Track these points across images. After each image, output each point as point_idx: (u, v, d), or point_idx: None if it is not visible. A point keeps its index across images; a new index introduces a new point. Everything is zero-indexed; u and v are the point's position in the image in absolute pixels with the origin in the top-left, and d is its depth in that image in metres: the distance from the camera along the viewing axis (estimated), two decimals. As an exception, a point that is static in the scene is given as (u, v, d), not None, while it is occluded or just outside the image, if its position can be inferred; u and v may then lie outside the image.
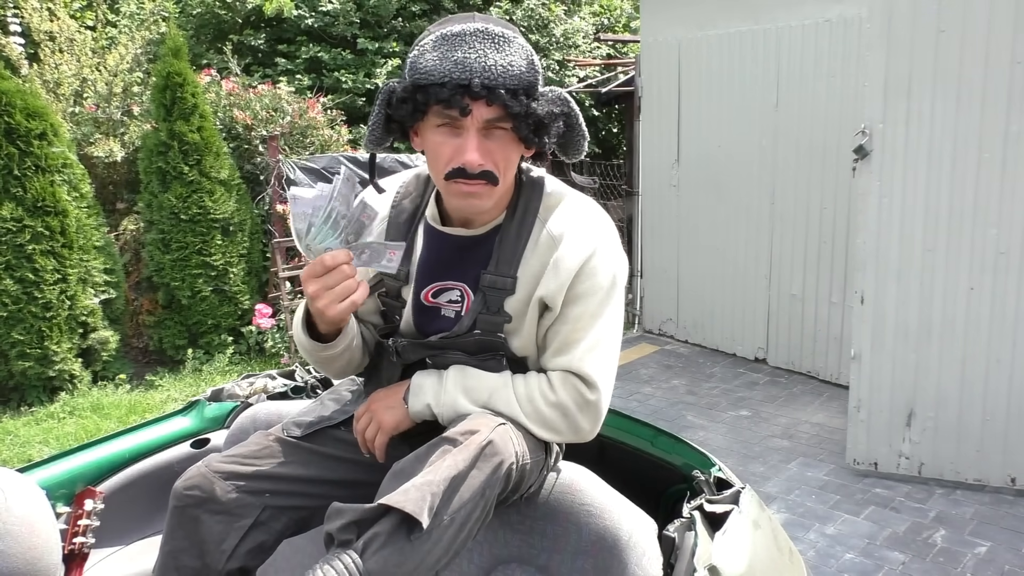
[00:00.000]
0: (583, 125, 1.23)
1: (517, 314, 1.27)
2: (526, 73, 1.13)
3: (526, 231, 1.26)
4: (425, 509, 1.07)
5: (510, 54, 1.12)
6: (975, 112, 2.91)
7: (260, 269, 5.54)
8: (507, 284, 1.25)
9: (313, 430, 1.39)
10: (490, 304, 1.26)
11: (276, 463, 1.32)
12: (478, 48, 1.11)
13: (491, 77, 1.10)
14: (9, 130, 4.31)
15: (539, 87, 1.16)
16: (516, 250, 1.25)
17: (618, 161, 8.53)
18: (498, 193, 1.22)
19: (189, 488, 1.28)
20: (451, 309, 1.31)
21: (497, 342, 1.28)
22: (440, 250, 1.32)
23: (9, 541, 1.28)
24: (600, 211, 1.32)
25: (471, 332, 1.27)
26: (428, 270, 1.32)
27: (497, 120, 1.14)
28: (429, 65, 1.12)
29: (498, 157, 1.17)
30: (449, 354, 1.31)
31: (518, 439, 1.22)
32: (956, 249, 3.02)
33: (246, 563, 1.29)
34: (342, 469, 1.37)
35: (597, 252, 1.25)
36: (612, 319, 1.29)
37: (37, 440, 4.04)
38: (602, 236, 1.27)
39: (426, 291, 1.32)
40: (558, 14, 8.54)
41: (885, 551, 2.81)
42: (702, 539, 1.28)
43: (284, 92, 5.85)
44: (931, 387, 3.16)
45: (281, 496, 1.31)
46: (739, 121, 4.69)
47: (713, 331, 5.11)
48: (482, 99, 1.11)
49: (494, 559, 1.41)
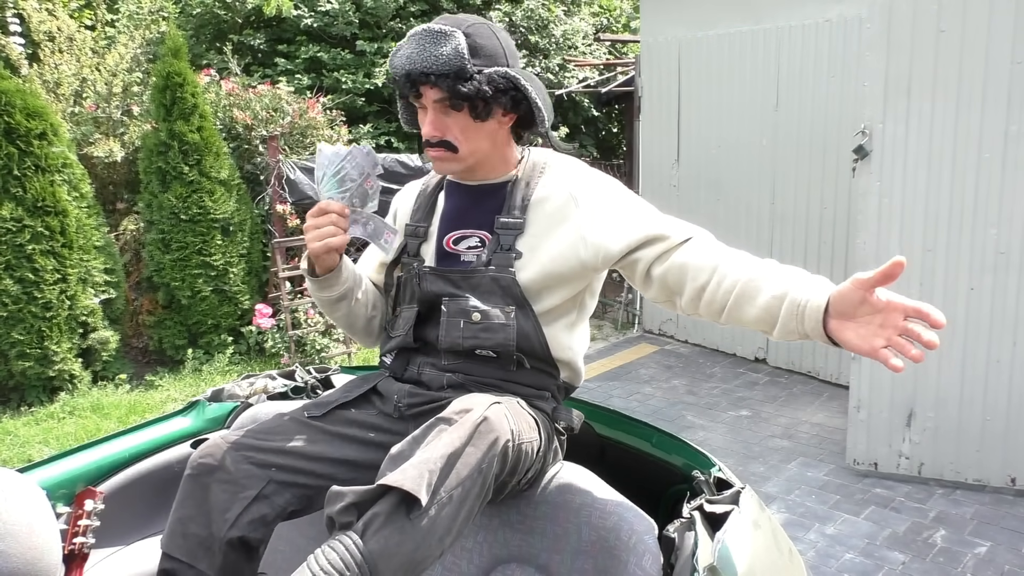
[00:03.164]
0: (534, 98, 1.38)
1: (528, 250, 1.40)
2: (453, 59, 1.32)
3: (535, 180, 1.45)
4: (423, 486, 1.09)
5: (442, 45, 1.32)
6: (975, 112, 2.91)
7: (260, 269, 5.54)
8: (518, 224, 1.41)
9: (328, 409, 1.45)
10: (503, 243, 1.41)
11: (286, 439, 1.38)
12: (420, 44, 1.33)
13: (425, 66, 1.32)
14: (9, 130, 4.31)
15: (468, 69, 1.33)
16: (525, 196, 1.43)
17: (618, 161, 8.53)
18: (465, 160, 1.41)
19: (203, 455, 1.34)
20: (472, 254, 1.44)
21: (507, 278, 1.38)
22: (460, 200, 1.50)
23: (9, 541, 1.28)
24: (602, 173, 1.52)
25: (487, 268, 1.40)
26: (449, 219, 1.49)
27: (445, 99, 1.35)
28: (395, 62, 1.38)
29: (455, 129, 1.38)
30: (462, 294, 1.40)
31: (513, 417, 1.24)
32: (956, 249, 3.02)
33: (246, 533, 1.31)
34: (348, 448, 1.39)
35: (599, 175, 1.47)
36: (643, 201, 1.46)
37: (37, 440, 4.04)
38: (599, 173, 1.49)
39: (448, 238, 1.46)
40: (558, 15, 8.54)
41: (885, 551, 2.81)
42: (702, 539, 1.28)
43: (284, 92, 5.84)
44: (931, 387, 3.16)
45: (286, 472, 1.35)
46: (739, 121, 4.69)
47: (713, 331, 5.11)
48: (426, 84, 1.34)
49: (494, 559, 1.41)
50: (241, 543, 1.31)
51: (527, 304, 1.39)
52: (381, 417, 1.44)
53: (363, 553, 1.06)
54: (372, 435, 1.40)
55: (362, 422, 1.43)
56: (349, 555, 1.05)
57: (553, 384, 1.46)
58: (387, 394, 1.45)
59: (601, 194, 1.42)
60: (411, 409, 1.39)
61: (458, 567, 1.43)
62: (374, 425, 1.43)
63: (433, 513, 1.10)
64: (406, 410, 1.41)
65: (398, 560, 1.08)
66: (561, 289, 1.41)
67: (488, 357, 1.39)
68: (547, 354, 1.42)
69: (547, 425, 1.40)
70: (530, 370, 1.41)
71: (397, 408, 1.42)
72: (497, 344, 1.37)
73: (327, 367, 2.07)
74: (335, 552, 1.05)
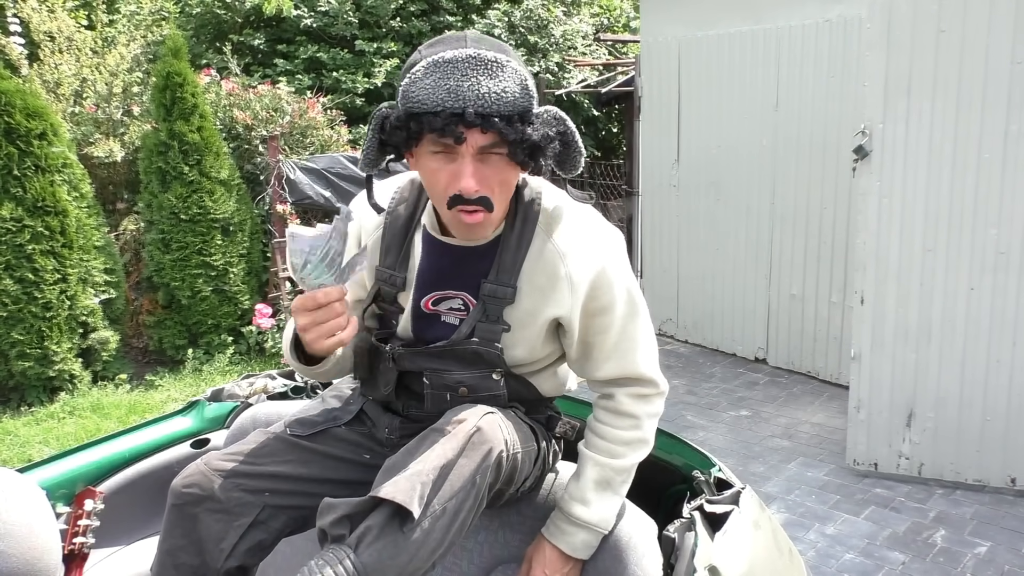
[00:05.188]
0: (579, 142, 1.22)
1: (517, 324, 1.27)
2: (520, 99, 1.12)
3: (526, 241, 1.26)
4: (415, 498, 1.07)
5: (503, 80, 1.11)
6: (975, 112, 2.91)
7: (260, 269, 5.54)
8: (507, 294, 1.25)
9: (318, 430, 1.38)
10: (489, 313, 1.26)
11: (276, 462, 1.32)
12: (471, 75, 1.09)
13: (485, 105, 1.09)
14: (9, 130, 4.31)
15: (534, 110, 1.15)
16: (516, 260, 1.25)
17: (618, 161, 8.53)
18: (496, 217, 1.22)
19: (188, 486, 1.27)
20: (454, 316, 1.30)
21: (493, 353, 1.27)
22: (440, 259, 1.31)
23: (9, 541, 1.28)
24: (603, 222, 1.31)
25: (469, 340, 1.27)
26: (428, 279, 1.32)
27: (492, 146, 1.13)
28: (422, 94, 1.11)
29: (494, 182, 1.17)
30: (445, 367, 1.29)
31: (508, 428, 1.22)
32: (956, 249, 3.02)
33: (244, 561, 1.28)
34: (343, 469, 1.36)
35: (608, 264, 1.26)
36: (643, 313, 1.33)
37: (37, 440, 4.04)
38: (610, 248, 1.28)
39: (426, 299, 1.32)
40: (557, 15, 8.54)
41: (885, 551, 2.81)
42: (702, 539, 1.28)
43: (284, 92, 5.84)
44: (931, 387, 3.16)
45: (280, 495, 1.30)
46: (739, 121, 4.69)
47: (713, 331, 5.11)
48: (476, 127, 1.10)
49: (494, 559, 1.41)
50: (238, 571, 1.29)
51: (515, 371, 1.33)
52: (373, 440, 1.40)
53: (356, 566, 1.05)
54: (367, 456, 1.37)
55: (354, 442, 1.39)
56: (343, 568, 1.04)
57: (546, 409, 1.44)
58: (377, 422, 1.40)
59: (608, 302, 1.26)
60: (402, 440, 1.30)
61: (458, 567, 1.43)
62: (368, 446, 1.39)
63: (427, 526, 1.09)
64: (397, 440, 1.34)
65: (391, 573, 1.07)
66: (550, 357, 1.36)
67: None
68: (539, 397, 1.39)
69: (544, 434, 1.39)
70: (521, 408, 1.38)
71: (388, 439, 1.37)
72: (488, 389, 1.31)
73: (327, 367, 2.06)
74: (328, 566, 1.04)
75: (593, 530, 1.30)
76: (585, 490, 1.31)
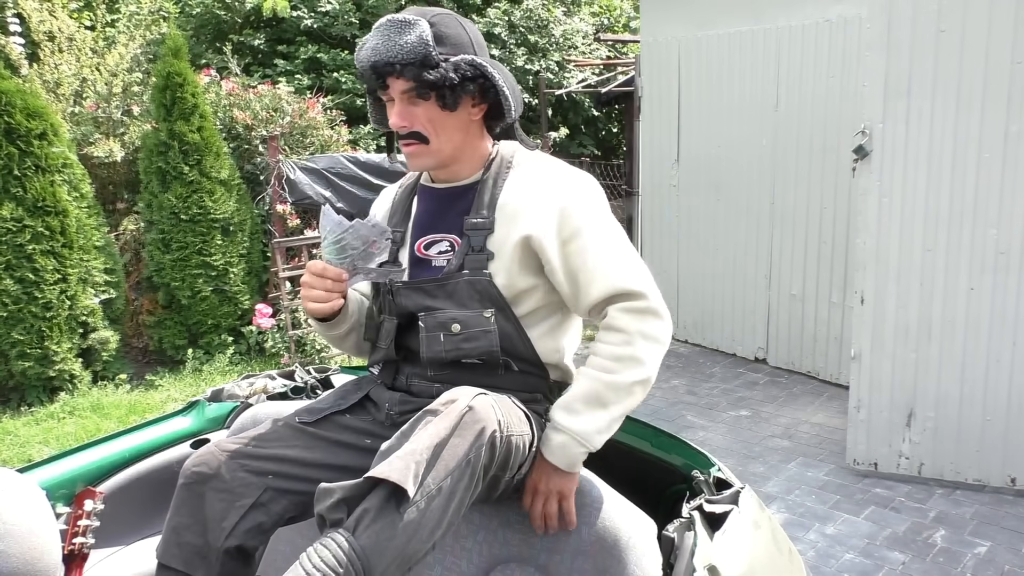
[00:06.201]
0: (502, 86, 1.35)
1: (499, 251, 1.37)
2: (418, 47, 1.29)
3: (501, 181, 1.42)
4: (410, 477, 1.09)
5: (406, 34, 1.30)
6: (975, 112, 2.91)
7: (260, 269, 5.54)
8: (487, 224, 1.38)
9: (322, 415, 1.44)
10: (474, 244, 1.38)
11: (282, 445, 1.38)
12: (381, 34, 1.31)
13: (390, 56, 1.29)
14: (9, 130, 4.31)
15: (434, 57, 1.30)
16: (493, 196, 1.40)
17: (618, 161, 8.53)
18: (439, 152, 1.38)
19: (197, 465, 1.34)
20: (443, 259, 1.41)
21: (483, 281, 1.35)
22: (429, 203, 1.48)
23: (9, 541, 1.28)
24: (574, 168, 1.45)
25: (460, 272, 1.37)
26: (420, 224, 1.47)
27: (411, 89, 1.32)
28: (358, 57, 1.36)
29: (423, 119, 1.35)
30: (438, 306, 1.37)
31: (500, 409, 1.24)
32: (956, 249, 3.02)
33: (244, 542, 1.31)
34: (344, 455, 1.39)
35: (575, 193, 1.39)
36: (620, 235, 1.40)
37: (37, 440, 4.04)
38: (577, 182, 1.41)
39: (419, 243, 1.45)
40: (557, 15, 8.54)
41: (885, 551, 2.81)
42: (701, 539, 1.28)
43: (284, 92, 5.85)
44: (931, 387, 3.16)
45: (283, 478, 1.34)
46: (739, 121, 4.69)
47: (713, 331, 5.11)
48: (392, 74, 1.31)
49: (494, 559, 1.41)
50: (239, 551, 1.31)
51: (507, 306, 1.37)
52: (375, 424, 1.44)
53: (355, 549, 1.06)
54: (368, 441, 1.40)
55: (357, 428, 1.43)
56: (341, 551, 1.06)
57: (544, 385, 1.46)
58: (379, 402, 1.46)
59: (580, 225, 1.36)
60: (403, 416, 1.38)
61: (458, 567, 1.43)
62: (369, 431, 1.43)
63: (423, 505, 1.11)
64: (398, 418, 1.40)
65: (390, 554, 1.08)
66: (536, 292, 1.40)
67: (474, 364, 1.39)
68: (534, 356, 1.41)
69: (540, 423, 1.40)
70: (518, 373, 1.41)
71: (389, 416, 1.42)
72: (481, 352, 1.36)
73: (327, 367, 2.07)
74: (327, 550, 1.06)
75: (574, 438, 1.31)
76: (572, 400, 1.34)
